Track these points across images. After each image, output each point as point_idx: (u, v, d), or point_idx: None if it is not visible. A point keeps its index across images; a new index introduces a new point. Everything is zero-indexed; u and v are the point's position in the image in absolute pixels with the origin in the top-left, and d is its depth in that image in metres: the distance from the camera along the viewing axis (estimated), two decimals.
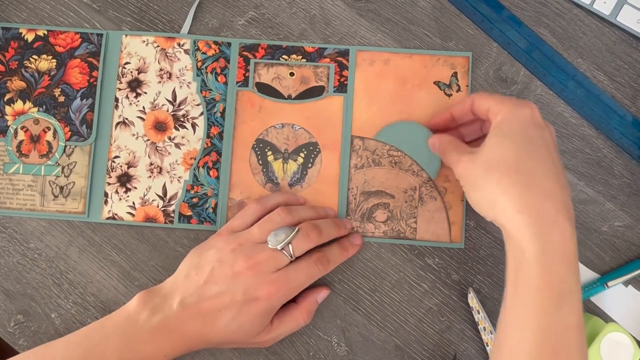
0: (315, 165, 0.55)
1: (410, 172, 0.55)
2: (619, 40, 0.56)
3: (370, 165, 0.55)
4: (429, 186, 0.55)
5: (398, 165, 0.55)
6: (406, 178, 0.55)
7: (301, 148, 0.56)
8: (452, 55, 0.56)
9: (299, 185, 0.55)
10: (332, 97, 0.56)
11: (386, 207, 0.55)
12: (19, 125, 0.56)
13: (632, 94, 0.56)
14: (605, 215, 0.54)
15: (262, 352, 0.53)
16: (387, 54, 0.56)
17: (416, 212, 0.55)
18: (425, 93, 0.56)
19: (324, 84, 0.56)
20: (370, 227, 0.54)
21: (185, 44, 0.57)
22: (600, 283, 0.52)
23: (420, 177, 0.55)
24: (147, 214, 0.55)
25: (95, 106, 0.56)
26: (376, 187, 0.55)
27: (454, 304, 0.54)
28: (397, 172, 0.55)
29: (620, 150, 0.55)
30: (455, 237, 0.54)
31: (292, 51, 0.57)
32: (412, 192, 0.55)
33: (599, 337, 0.48)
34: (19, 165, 0.55)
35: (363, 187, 0.55)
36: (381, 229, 0.54)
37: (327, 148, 0.56)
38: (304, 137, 0.56)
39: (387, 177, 0.55)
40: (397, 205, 0.55)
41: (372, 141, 0.55)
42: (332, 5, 0.57)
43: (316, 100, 0.56)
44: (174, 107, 0.56)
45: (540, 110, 0.55)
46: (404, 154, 0.55)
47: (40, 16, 0.57)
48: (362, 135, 0.56)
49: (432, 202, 0.55)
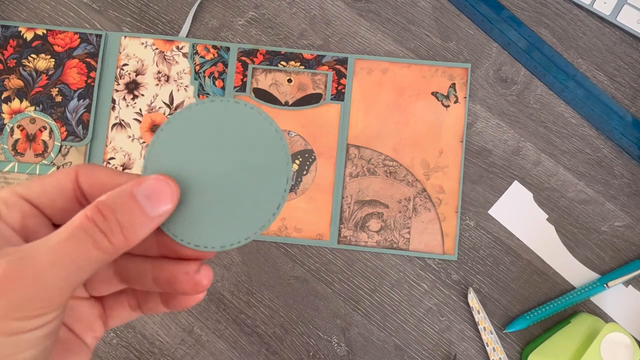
0: (310, 173, 0.55)
1: (405, 182, 0.55)
2: (619, 41, 0.56)
3: (365, 174, 0.55)
4: (423, 197, 0.55)
5: (393, 175, 0.55)
6: (401, 188, 0.55)
7: (296, 155, 0.55)
8: (451, 66, 0.56)
9: (293, 192, 0.55)
10: (329, 105, 0.56)
11: (380, 216, 0.55)
12: (15, 124, 0.55)
13: (632, 94, 0.56)
14: (605, 215, 0.54)
15: (262, 352, 0.53)
16: (385, 63, 0.56)
17: (410, 222, 0.54)
18: (422, 103, 0.56)
19: (321, 92, 0.56)
20: (363, 237, 0.54)
21: (184, 47, 0.57)
22: (600, 283, 0.52)
23: (415, 188, 0.55)
24: None
25: (92, 107, 0.55)
26: (370, 197, 0.55)
27: (454, 304, 0.53)
28: (392, 182, 0.55)
29: (620, 151, 0.55)
30: (448, 249, 0.54)
31: (291, 58, 0.56)
32: (406, 203, 0.55)
33: (599, 337, 0.48)
34: (14, 164, 0.55)
35: (357, 195, 0.55)
36: (374, 239, 0.54)
37: (322, 156, 0.55)
38: (299, 144, 0.56)
39: (382, 186, 0.55)
40: (391, 215, 0.55)
41: (367, 150, 0.55)
42: (332, 5, 0.57)
43: (313, 107, 0.56)
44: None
45: (540, 110, 0.55)
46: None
47: (40, 16, 0.57)
48: (358, 144, 0.55)
49: (426, 213, 0.55)
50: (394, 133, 0.55)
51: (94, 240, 0.22)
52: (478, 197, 0.55)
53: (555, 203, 0.55)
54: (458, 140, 0.55)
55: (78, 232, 0.22)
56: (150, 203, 0.24)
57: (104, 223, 0.23)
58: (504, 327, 0.53)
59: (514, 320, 0.53)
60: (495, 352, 0.52)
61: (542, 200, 0.55)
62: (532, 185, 0.55)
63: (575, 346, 0.49)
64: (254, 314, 0.54)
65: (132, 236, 0.23)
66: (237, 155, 0.25)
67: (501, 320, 0.53)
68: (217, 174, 0.25)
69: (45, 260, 0.21)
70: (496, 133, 0.55)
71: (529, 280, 0.54)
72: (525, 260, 0.54)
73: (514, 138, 0.55)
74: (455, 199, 0.54)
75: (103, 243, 0.22)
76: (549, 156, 0.55)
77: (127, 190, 0.23)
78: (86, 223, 0.22)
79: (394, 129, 0.55)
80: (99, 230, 0.22)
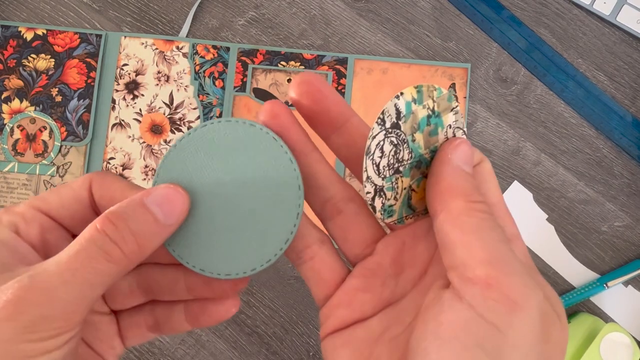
0: None
1: None
2: (619, 41, 0.56)
3: None
4: None
5: None
6: None
7: None
8: (451, 66, 0.56)
9: None
10: None
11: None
12: (15, 124, 0.55)
13: (632, 94, 0.56)
14: (605, 215, 0.54)
15: (262, 352, 0.53)
16: (385, 63, 0.56)
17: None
18: None
19: None
20: None
21: (184, 47, 0.57)
22: (600, 283, 0.52)
23: None
24: None
25: (92, 107, 0.55)
26: None
27: None
28: None
29: (620, 151, 0.55)
30: None
31: (291, 58, 0.56)
32: None
33: (598, 337, 0.48)
34: (14, 164, 0.55)
35: None
36: None
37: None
38: None
39: None
40: None
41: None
42: (332, 5, 0.57)
43: None
44: (170, 110, 0.56)
45: (540, 110, 0.55)
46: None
47: (40, 16, 0.57)
48: None
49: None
50: None
51: (105, 252, 0.21)
52: None
53: (555, 203, 0.55)
54: None
55: (88, 245, 0.21)
56: (162, 211, 0.23)
57: (115, 232, 0.22)
58: None
59: None
60: None
61: (542, 200, 0.55)
62: (532, 185, 0.55)
63: (575, 346, 0.49)
64: (254, 314, 0.54)
65: (146, 245, 0.22)
66: (249, 180, 0.25)
67: None
68: (227, 197, 0.24)
69: (56, 278, 0.20)
70: (496, 133, 0.55)
71: None
72: None
73: (514, 138, 0.55)
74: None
75: (115, 254, 0.22)
76: (548, 156, 0.55)
77: (137, 199, 0.23)
78: (96, 235, 0.21)
79: None
80: (110, 240, 0.22)
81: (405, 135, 0.23)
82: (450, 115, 0.24)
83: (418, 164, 0.24)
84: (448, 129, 0.24)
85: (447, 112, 0.24)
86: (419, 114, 0.23)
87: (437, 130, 0.24)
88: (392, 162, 0.23)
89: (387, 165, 0.23)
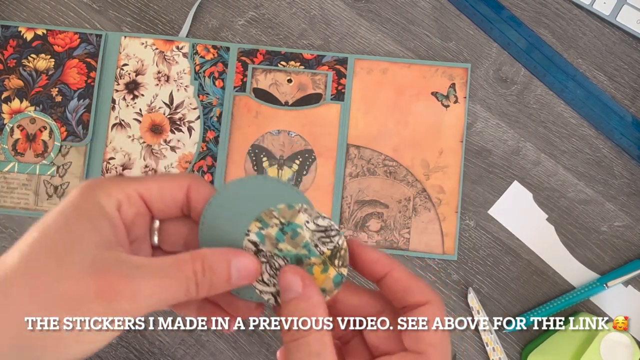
0: (310, 173, 0.55)
1: (405, 182, 0.55)
2: (619, 41, 0.56)
3: (365, 174, 0.55)
4: (423, 197, 0.55)
5: (393, 175, 0.55)
6: (400, 188, 0.55)
7: (297, 155, 0.55)
8: (451, 66, 0.56)
9: None
10: (329, 105, 0.56)
11: (380, 216, 0.55)
12: (15, 124, 0.55)
13: (632, 94, 0.56)
14: (605, 215, 0.54)
15: (262, 352, 0.53)
16: (385, 63, 0.56)
17: (410, 222, 0.54)
18: (422, 103, 0.56)
19: (321, 92, 0.56)
20: (363, 237, 0.54)
21: (184, 47, 0.57)
22: (600, 283, 0.52)
23: (414, 188, 0.55)
24: None
25: (92, 107, 0.55)
26: (370, 197, 0.55)
27: (453, 304, 0.53)
28: (391, 182, 0.55)
29: (620, 151, 0.55)
30: (448, 248, 0.54)
31: (291, 58, 0.56)
32: (406, 203, 0.55)
33: (598, 337, 0.48)
34: (14, 164, 0.55)
35: (357, 196, 0.55)
36: (374, 239, 0.54)
37: (322, 156, 0.55)
38: (299, 144, 0.56)
39: (382, 186, 0.55)
40: (391, 215, 0.55)
41: (367, 150, 0.55)
42: (332, 5, 0.57)
43: (313, 107, 0.56)
44: (170, 110, 0.56)
45: (540, 110, 0.55)
46: None
47: (40, 16, 0.57)
48: (357, 144, 0.55)
49: (426, 213, 0.54)
50: (393, 133, 0.55)
51: (187, 288, 0.26)
52: (478, 197, 0.55)
53: (555, 203, 0.55)
54: (458, 140, 0.55)
55: (182, 277, 0.26)
56: (239, 275, 0.28)
57: (202, 279, 0.27)
58: (503, 327, 0.53)
59: (513, 320, 0.53)
60: (495, 352, 0.52)
61: (542, 200, 0.55)
62: (532, 185, 0.55)
63: (575, 346, 0.49)
64: None
65: (212, 293, 0.27)
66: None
67: (501, 321, 0.53)
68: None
69: (147, 289, 0.25)
70: (496, 133, 0.55)
71: (529, 280, 0.54)
72: (525, 260, 0.54)
73: (514, 138, 0.55)
74: (455, 199, 0.54)
75: (191, 291, 0.26)
76: (548, 156, 0.55)
77: (227, 258, 0.28)
78: (191, 275, 0.26)
79: (394, 129, 0.55)
80: (195, 282, 0.26)
81: (270, 252, 0.29)
82: (301, 216, 0.29)
83: (298, 260, 0.29)
84: (306, 224, 0.29)
85: (297, 215, 0.29)
86: (271, 233, 0.29)
87: (297, 232, 0.29)
88: (272, 273, 0.29)
89: (270, 276, 0.29)
